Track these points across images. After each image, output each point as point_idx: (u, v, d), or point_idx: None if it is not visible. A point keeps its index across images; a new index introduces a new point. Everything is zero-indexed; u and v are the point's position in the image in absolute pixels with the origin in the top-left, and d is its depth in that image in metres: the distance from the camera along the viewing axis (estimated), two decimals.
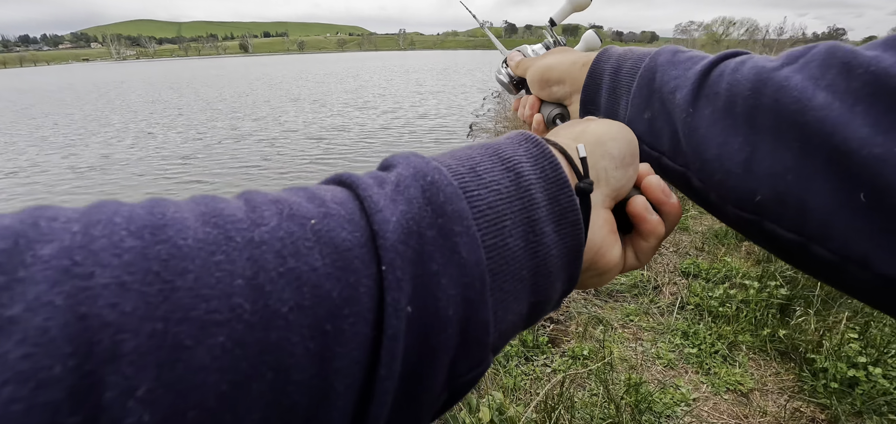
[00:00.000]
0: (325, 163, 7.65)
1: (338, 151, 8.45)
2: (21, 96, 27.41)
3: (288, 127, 11.02)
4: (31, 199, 6.43)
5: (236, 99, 18.52)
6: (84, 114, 16.37)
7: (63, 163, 8.56)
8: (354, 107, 13.67)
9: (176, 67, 57.77)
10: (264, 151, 8.71)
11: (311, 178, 6.58)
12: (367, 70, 32.57)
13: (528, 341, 2.44)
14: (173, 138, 10.51)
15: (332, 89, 20.16)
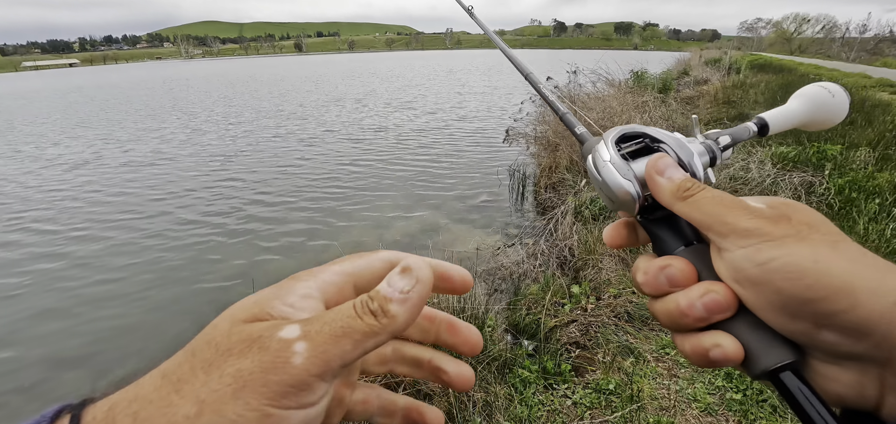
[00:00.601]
0: (360, 165, 7.73)
1: (374, 153, 8.54)
2: (99, 91, 30.25)
3: (328, 126, 11.31)
4: (88, 193, 6.99)
5: (284, 97, 19.34)
6: (148, 110, 17.76)
7: (121, 157, 9.28)
8: (395, 108, 13.82)
9: (235, 66, 61.62)
10: (302, 151, 8.97)
11: (343, 183, 6.69)
12: (411, 69, 32.99)
13: (549, 367, 2.28)
14: (221, 136, 11.11)
15: (376, 88, 20.55)
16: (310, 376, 0.21)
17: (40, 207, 6.33)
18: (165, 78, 41.54)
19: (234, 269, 4.33)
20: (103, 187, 7.18)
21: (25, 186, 7.48)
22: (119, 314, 3.72)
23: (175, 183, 7.14)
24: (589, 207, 3.93)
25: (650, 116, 5.51)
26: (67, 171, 8.35)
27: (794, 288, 0.25)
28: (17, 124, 15.67)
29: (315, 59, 73.49)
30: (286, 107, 15.86)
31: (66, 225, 5.61)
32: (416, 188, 6.27)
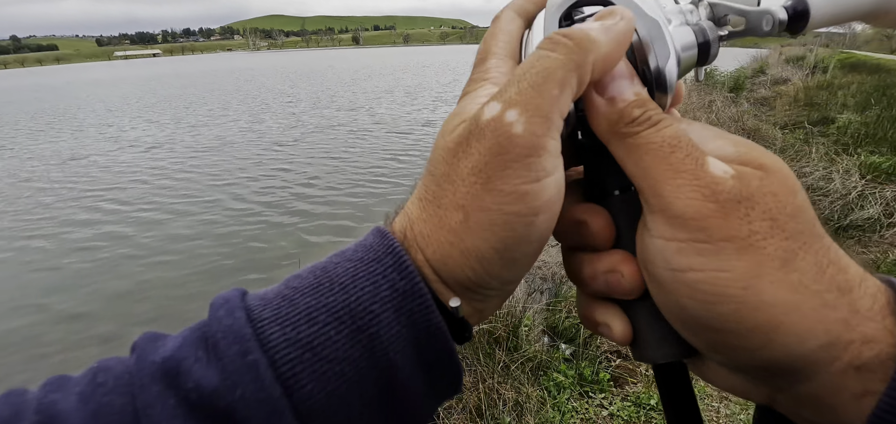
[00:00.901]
0: (404, 161, 7.85)
1: (422, 145, 8.63)
2: (176, 79, 33.07)
3: (378, 119, 11.58)
4: (160, 174, 7.66)
5: (337, 88, 20.07)
6: (216, 98, 19.17)
7: (190, 141, 10.10)
8: (444, 102, 13.88)
9: (296, 58, 64.86)
10: (350, 142, 9.26)
11: (389, 175, 6.82)
12: (463, 64, 32.96)
13: (586, 374, 2.18)
14: (276, 124, 11.75)
15: (426, 82, 20.76)
16: (536, 138, 0.20)
17: (116, 186, 7.05)
18: (232, 69, 44.62)
19: (278, 252, 4.58)
20: (170, 169, 7.87)
21: (101, 167, 8.37)
22: (177, 285, 4.06)
23: (231, 169, 7.66)
24: None
25: (718, 117, 5.09)
26: (143, 152, 9.25)
27: (702, 311, 0.20)
28: (105, 108, 17.56)
29: (370, 52, 75.58)
30: (339, 99, 16.46)
31: (135, 204, 6.20)
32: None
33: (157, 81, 32.84)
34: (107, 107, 17.85)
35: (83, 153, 9.68)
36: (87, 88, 30.61)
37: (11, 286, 4.19)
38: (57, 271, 4.44)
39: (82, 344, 3.31)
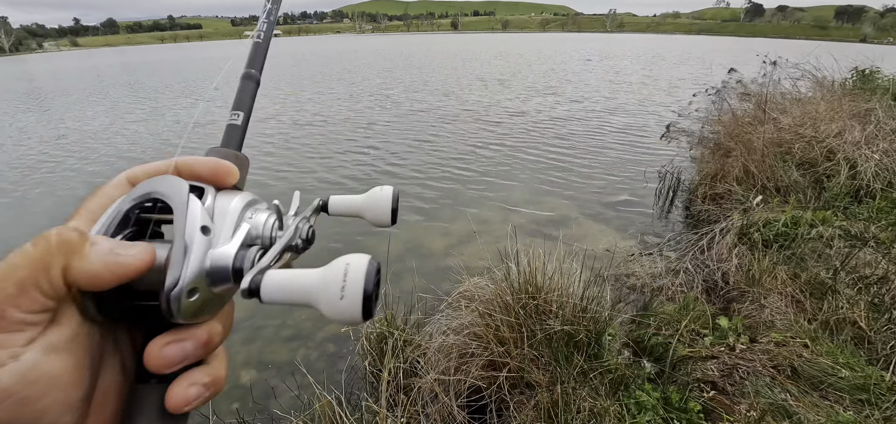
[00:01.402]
0: (493, 148, 7.79)
1: (510, 137, 8.50)
2: (289, 58, 36.56)
3: (468, 106, 11.62)
4: (268, 143, 8.56)
5: (432, 73, 20.50)
6: (321, 77, 20.82)
7: (294, 115, 11.13)
8: (537, 92, 13.45)
9: (397, 41, 67.74)
10: (437, 128, 9.43)
11: (473, 163, 6.83)
12: (563, 53, 31.55)
13: (673, 399, 2.01)
14: (370, 105, 12.40)
15: (521, 70, 20.27)
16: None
17: None
18: (339, 50, 48.00)
19: (357, 230, 4.86)
20: (276, 141, 8.77)
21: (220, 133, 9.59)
22: None
23: (325, 144, 8.29)
24: (761, 230, 3.27)
25: (879, 129, 4.19)
26: (255, 123, 10.45)
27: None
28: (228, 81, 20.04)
29: (468, 38, 75.92)
30: (432, 83, 16.83)
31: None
32: (549, 177, 6.06)
33: (273, 59, 36.76)
34: (232, 82, 20.43)
35: (209, 119, 11.26)
36: (220, 63, 35.45)
37: None
38: None
39: None
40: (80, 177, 7.26)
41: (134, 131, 10.63)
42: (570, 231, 4.38)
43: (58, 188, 6.75)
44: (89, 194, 0.31)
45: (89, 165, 7.90)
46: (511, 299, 1.90)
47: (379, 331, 2.19)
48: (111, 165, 7.84)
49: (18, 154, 9.10)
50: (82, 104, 16.21)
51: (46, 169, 7.84)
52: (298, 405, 2.43)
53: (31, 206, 6.05)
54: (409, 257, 4.03)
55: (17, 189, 6.88)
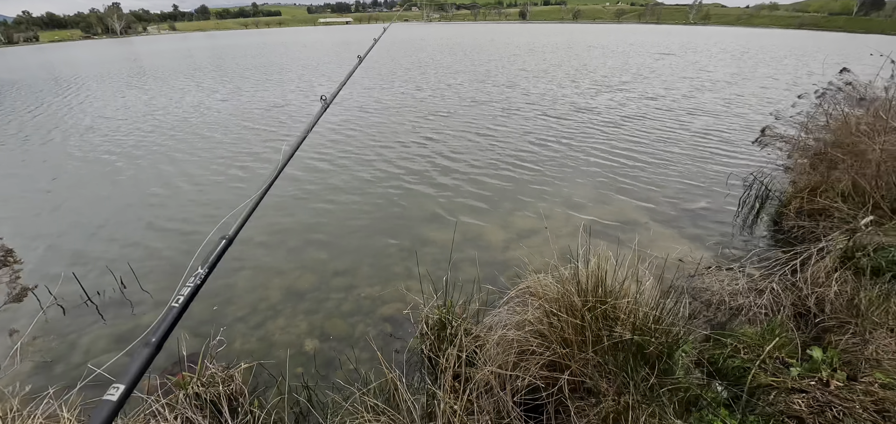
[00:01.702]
0: (554, 145, 7.54)
1: (578, 133, 8.17)
2: (357, 46, 37.80)
3: (533, 99, 11.31)
4: (331, 128, 8.91)
5: (495, 64, 20.19)
6: (386, 65, 21.31)
7: (360, 100, 11.50)
8: (608, 88, 12.77)
9: (463, 29, 67.46)
10: (499, 121, 9.29)
11: (536, 158, 6.64)
12: (638, 45, 29.64)
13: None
14: (432, 94, 12.49)
15: (591, 64, 19.36)
16: None
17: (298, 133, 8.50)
18: (406, 38, 48.82)
19: (408, 219, 4.92)
20: (340, 125, 9.13)
21: (291, 114, 10.15)
22: (316, 228, 4.73)
23: (386, 133, 8.48)
24: (871, 256, 2.87)
25: None
26: (315, 105, 10.97)
27: None
28: (301, 66, 21.17)
29: (536, 28, 73.70)
30: (495, 75, 16.59)
31: (308, 151, 7.39)
32: (616, 178, 5.76)
33: (343, 46, 38.21)
34: (303, 66, 21.64)
35: (282, 102, 12.00)
36: (294, 49, 37.58)
37: (213, 200, 5.53)
38: (227, 196, 5.66)
39: (240, 256, 4.18)
40: (170, 146, 8.09)
41: (218, 110, 11.62)
42: (639, 236, 4.14)
43: (151, 156, 7.57)
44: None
45: (176, 134, 8.79)
46: (578, 301, 1.83)
47: (439, 318, 2.22)
48: (190, 141, 8.64)
49: (121, 125, 10.34)
50: (175, 82, 18.04)
51: (140, 138, 8.83)
52: (356, 377, 2.54)
53: (130, 171, 6.85)
54: (467, 247, 4.03)
55: (118, 158, 7.82)
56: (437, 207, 5.02)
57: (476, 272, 3.54)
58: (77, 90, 17.10)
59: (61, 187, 6.31)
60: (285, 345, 2.92)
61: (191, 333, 3.08)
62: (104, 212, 5.33)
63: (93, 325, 3.23)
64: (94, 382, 2.54)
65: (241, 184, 6.03)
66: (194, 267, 0.89)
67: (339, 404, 2.02)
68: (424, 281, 3.52)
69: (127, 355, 2.06)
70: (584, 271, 1.90)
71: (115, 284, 3.70)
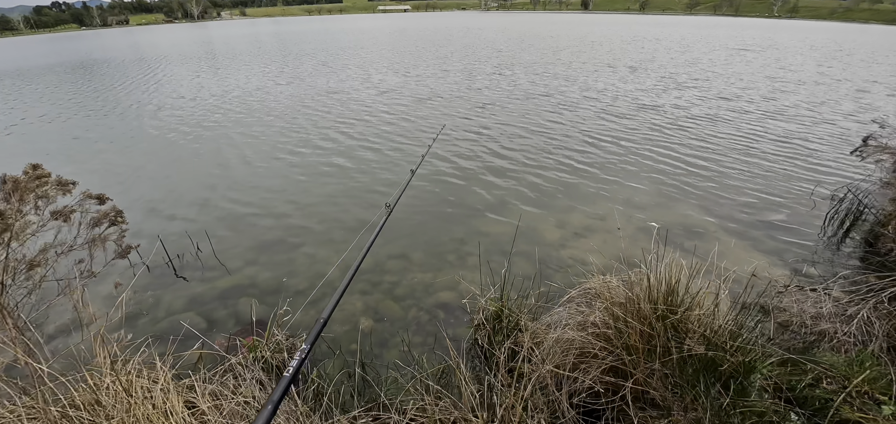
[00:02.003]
0: (614, 144, 7.19)
1: (640, 132, 7.76)
2: (415, 33, 38.07)
3: (592, 94, 10.86)
4: (386, 115, 9.06)
5: (555, 56, 19.56)
6: (442, 54, 21.29)
7: (415, 88, 11.58)
8: (676, 86, 11.97)
9: (521, 19, 65.81)
10: (556, 115, 9.00)
11: (583, 160, 6.37)
12: (712, 40, 27.45)
13: None
14: (487, 85, 12.32)
15: (657, 58, 18.24)
16: None
17: (352, 117, 8.71)
18: (463, 26, 48.56)
19: (465, 212, 4.90)
20: (393, 113, 9.26)
21: (348, 100, 10.43)
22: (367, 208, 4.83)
23: (437, 123, 8.49)
24: None
25: None
26: (378, 94, 11.19)
27: None
28: (361, 55, 21.67)
29: (599, 19, 70.25)
30: (554, 66, 16.09)
31: (362, 139, 7.56)
32: (681, 182, 5.42)
33: (399, 33, 38.71)
34: (362, 55, 22.18)
35: (339, 88, 12.37)
36: (353, 35, 38.62)
37: (268, 178, 5.81)
38: (285, 177, 5.91)
39: (301, 233, 4.36)
40: (234, 126, 8.65)
41: (279, 92, 12.24)
42: (706, 245, 3.88)
43: (218, 135, 8.13)
44: None
45: (240, 115, 9.37)
46: (647, 307, 1.75)
47: (495, 310, 2.22)
48: (258, 118, 9.16)
49: (194, 104, 11.18)
50: (243, 65, 19.20)
51: (209, 117, 9.50)
52: (409, 359, 2.60)
53: (200, 147, 7.41)
54: (520, 241, 3.98)
55: (190, 135, 8.46)
56: (489, 199, 5.00)
57: (531, 267, 3.49)
58: (159, 70, 18.74)
59: (143, 157, 6.97)
60: (341, 321, 3.05)
61: (258, 301, 3.31)
62: (178, 182, 5.83)
63: (172, 285, 3.55)
64: (179, 334, 2.80)
65: (296, 167, 6.34)
66: (352, 253, 1.00)
67: (399, 382, 2.09)
68: (477, 272, 3.53)
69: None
70: (656, 278, 1.81)
71: (192, 249, 4.04)
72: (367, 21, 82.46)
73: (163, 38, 46.39)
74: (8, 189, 1.61)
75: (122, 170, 6.42)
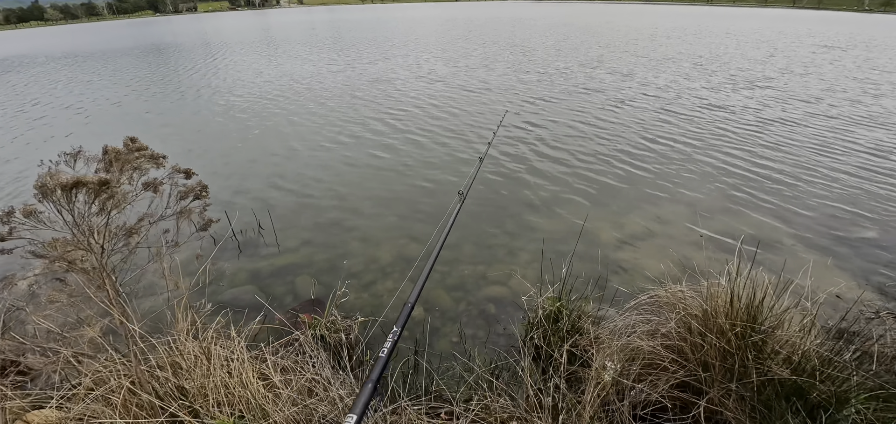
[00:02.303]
0: (675, 144, 6.77)
1: (699, 135, 7.26)
2: (466, 23, 37.74)
3: (648, 91, 10.28)
4: (435, 106, 9.02)
5: (607, 49, 18.70)
6: (493, 44, 20.97)
7: (464, 80, 11.46)
8: (748, 84, 11.07)
9: (577, 9, 63.23)
10: (612, 113, 8.60)
11: (637, 160, 6.04)
12: (788, 36, 25.07)
13: None
14: (538, 79, 11.97)
15: (727, 53, 16.95)
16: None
17: (399, 108, 8.75)
18: (514, 17, 47.59)
19: (516, 206, 4.79)
20: (442, 103, 9.22)
21: (396, 89, 10.49)
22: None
23: (485, 113, 8.35)
24: None
25: None
26: (428, 84, 11.15)
27: None
28: (411, 44, 21.80)
29: (662, 9, 65.79)
30: (609, 61, 15.39)
31: (404, 131, 7.58)
32: (755, 188, 5.02)
33: (450, 23, 38.56)
34: (410, 43, 22.30)
35: (389, 77, 12.51)
36: (404, 24, 38.97)
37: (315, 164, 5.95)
38: (342, 161, 6.02)
39: (354, 217, 4.43)
40: (298, 110, 8.99)
41: (332, 81, 12.59)
42: (781, 259, 3.57)
43: (275, 119, 8.48)
44: None
45: (304, 100, 9.73)
46: (725, 322, 1.63)
47: (553, 309, 2.16)
48: (315, 103, 9.47)
49: (253, 88, 11.74)
50: (298, 51, 19.93)
51: (267, 101, 9.94)
52: (460, 350, 2.60)
53: (259, 130, 7.76)
54: (573, 240, 3.86)
55: (250, 118, 8.88)
56: (541, 195, 4.88)
57: (587, 267, 3.38)
58: (222, 55, 19.90)
59: (207, 136, 7.43)
60: (393, 307, 3.10)
61: (314, 280, 3.43)
62: (241, 161, 6.16)
63: (234, 258, 3.77)
64: (243, 305, 2.96)
65: (351, 152, 6.49)
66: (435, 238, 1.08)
67: (456, 374, 2.08)
68: (529, 268, 3.46)
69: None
70: (733, 290, 1.68)
71: (254, 225, 4.27)
72: (418, 10, 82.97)
73: (226, 24, 49.18)
74: (110, 158, 1.77)
75: (189, 146, 6.89)
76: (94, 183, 1.57)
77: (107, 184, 1.61)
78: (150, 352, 1.61)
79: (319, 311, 2.81)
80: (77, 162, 1.77)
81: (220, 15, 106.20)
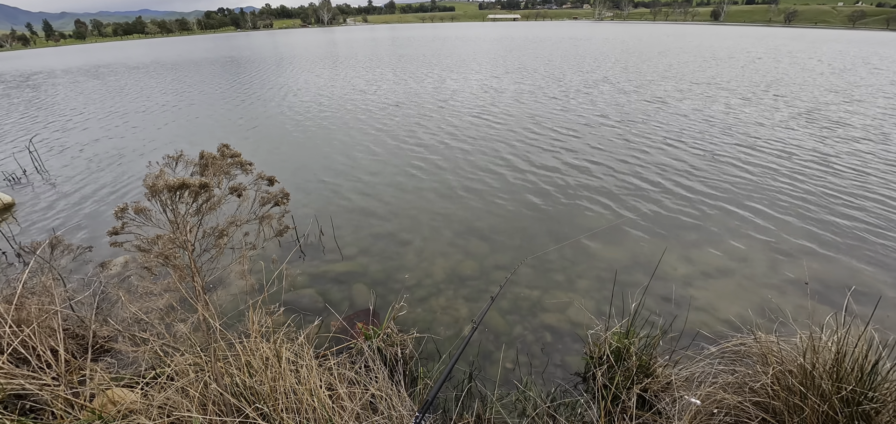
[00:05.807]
0: (750, 174, 6.24)
1: (797, 169, 6.65)
2: (524, 42, 37.67)
3: (678, 111, 9.61)
4: (471, 128, 8.96)
5: (674, 73, 17.79)
6: (540, 66, 20.68)
7: (509, 105, 11.34)
8: (800, 115, 10.00)
9: (639, 31, 61.17)
10: (671, 137, 8.11)
11: (715, 187, 5.59)
12: (879, 61, 22.54)
13: None
14: (583, 102, 11.59)
15: (785, 79, 15.53)
16: None
17: (455, 126, 8.76)
18: (571, 36, 46.86)
19: (577, 230, 4.61)
20: (479, 126, 9.15)
21: (433, 109, 10.54)
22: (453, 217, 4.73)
23: (542, 141, 8.14)
24: None
25: None
26: (468, 96, 11.14)
27: None
28: (462, 62, 22.03)
29: (731, 31, 62.00)
30: (658, 86, 14.64)
31: (474, 142, 7.56)
32: (845, 229, 4.50)
33: (498, 41, 38.69)
34: (461, 61, 22.59)
35: (448, 95, 12.67)
36: (458, 43, 39.64)
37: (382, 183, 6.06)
38: (403, 175, 6.08)
39: (409, 233, 4.44)
40: (361, 123, 9.37)
41: (394, 94, 13.00)
42: (881, 312, 3.14)
43: (337, 129, 8.86)
44: None
45: (367, 114, 10.13)
46: (827, 384, 1.44)
47: (620, 346, 2.03)
48: (377, 117, 9.80)
49: (320, 99, 12.38)
50: (363, 68, 20.85)
51: (330, 113, 10.41)
52: (515, 377, 2.52)
53: (322, 138, 8.14)
54: (637, 272, 3.65)
55: (314, 127, 9.33)
56: (601, 222, 4.68)
57: (653, 303, 3.17)
58: (292, 68, 21.32)
59: (278, 143, 7.92)
60: (446, 324, 3.08)
61: (370, 291, 3.51)
62: (306, 169, 6.49)
63: (297, 261, 3.95)
64: (303, 308, 3.08)
65: (412, 168, 6.61)
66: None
67: (510, 402, 2.02)
68: (588, 297, 3.31)
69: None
70: (841, 347, 1.48)
71: (316, 231, 4.46)
72: (474, 29, 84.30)
73: (298, 40, 52.78)
74: (205, 162, 1.94)
75: (260, 153, 7.39)
76: (195, 186, 1.73)
77: (206, 187, 1.76)
78: (227, 349, 1.71)
79: (374, 321, 2.85)
80: (177, 164, 1.96)
81: (293, 31, 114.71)
